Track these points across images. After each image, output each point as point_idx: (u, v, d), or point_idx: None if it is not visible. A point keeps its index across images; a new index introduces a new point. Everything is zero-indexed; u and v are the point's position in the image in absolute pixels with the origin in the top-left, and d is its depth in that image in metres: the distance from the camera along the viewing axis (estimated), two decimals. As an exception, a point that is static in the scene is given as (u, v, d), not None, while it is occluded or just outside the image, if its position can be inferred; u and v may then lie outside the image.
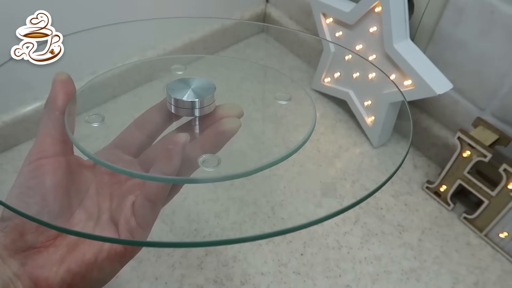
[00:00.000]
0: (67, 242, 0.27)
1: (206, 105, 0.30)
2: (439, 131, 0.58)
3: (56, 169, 0.27)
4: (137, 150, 0.32)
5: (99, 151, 0.31)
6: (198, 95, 0.30)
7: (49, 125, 0.28)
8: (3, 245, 0.26)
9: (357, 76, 0.60)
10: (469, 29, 0.49)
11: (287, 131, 0.35)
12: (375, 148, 0.60)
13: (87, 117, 0.31)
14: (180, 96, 0.29)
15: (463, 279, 0.49)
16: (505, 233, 0.50)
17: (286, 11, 0.74)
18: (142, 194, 0.27)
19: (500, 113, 0.50)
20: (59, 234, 0.27)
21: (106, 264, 0.27)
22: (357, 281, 0.48)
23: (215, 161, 0.27)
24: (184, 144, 0.26)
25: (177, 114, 0.31)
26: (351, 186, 0.56)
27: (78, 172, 0.29)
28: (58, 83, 0.28)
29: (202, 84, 0.31)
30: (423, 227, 0.53)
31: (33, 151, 0.27)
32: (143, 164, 0.31)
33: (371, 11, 0.54)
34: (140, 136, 0.32)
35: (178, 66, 0.37)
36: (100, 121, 0.31)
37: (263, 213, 0.53)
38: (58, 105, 0.28)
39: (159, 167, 0.26)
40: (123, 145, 0.31)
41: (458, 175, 0.52)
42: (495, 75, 0.49)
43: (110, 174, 0.30)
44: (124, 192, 0.29)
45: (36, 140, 0.27)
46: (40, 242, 0.26)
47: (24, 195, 0.26)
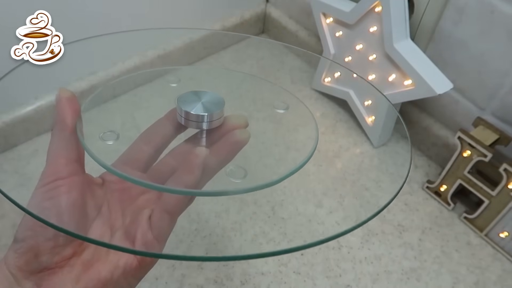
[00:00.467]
0: (81, 261, 0.27)
1: (216, 119, 0.30)
2: (439, 130, 0.58)
3: (71, 189, 0.26)
4: (145, 165, 0.32)
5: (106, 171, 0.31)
6: (208, 109, 0.30)
7: (61, 146, 0.27)
8: (17, 266, 0.25)
9: (357, 77, 0.60)
10: (469, 29, 0.49)
11: (292, 136, 0.36)
12: (375, 148, 0.60)
13: (101, 134, 0.31)
14: (190, 109, 0.30)
15: (463, 278, 0.49)
16: (506, 233, 0.50)
17: (286, 11, 0.74)
18: (160, 207, 0.27)
19: (500, 112, 0.50)
20: (74, 254, 0.27)
21: (122, 280, 0.27)
22: (357, 281, 0.48)
23: (242, 172, 0.28)
24: (204, 157, 0.26)
25: (186, 126, 0.31)
26: (351, 186, 0.56)
27: (91, 191, 0.29)
28: (64, 101, 0.28)
29: (212, 98, 0.31)
30: (424, 227, 0.53)
31: (46, 173, 0.26)
32: (154, 179, 0.31)
33: (371, 11, 0.54)
34: (148, 150, 0.32)
35: (172, 78, 0.38)
36: (115, 139, 0.31)
37: (263, 213, 0.53)
38: (68, 124, 0.27)
39: (181, 180, 0.27)
40: (130, 161, 0.31)
41: (459, 174, 0.52)
42: (495, 75, 0.49)
43: (120, 191, 0.30)
44: (138, 207, 0.29)
45: (48, 162, 0.27)
46: (55, 262, 0.26)
47: (40, 215, 0.25)
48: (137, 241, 0.27)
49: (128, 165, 0.31)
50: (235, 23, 0.73)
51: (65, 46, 0.32)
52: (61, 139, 0.27)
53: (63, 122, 0.27)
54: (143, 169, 0.32)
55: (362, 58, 0.58)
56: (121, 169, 0.30)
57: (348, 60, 0.61)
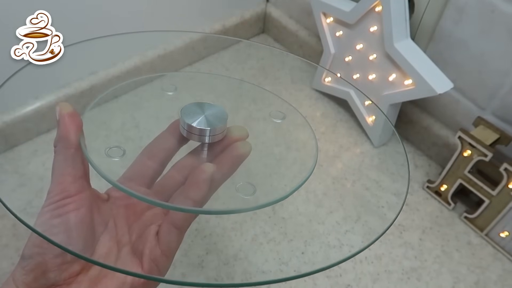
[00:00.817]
0: (89, 277, 0.27)
1: (218, 133, 0.30)
2: (440, 130, 0.58)
3: (79, 206, 0.26)
4: (150, 180, 0.32)
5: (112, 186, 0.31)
6: (211, 123, 0.30)
7: (66, 163, 0.27)
8: (25, 283, 0.25)
9: (358, 77, 0.60)
10: (470, 28, 0.49)
11: (292, 147, 0.36)
12: (375, 148, 0.60)
13: (107, 150, 0.31)
14: (194, 122, 0.30)
15: (463, 278, 0.49)
16: (506, 233, 0.50)
17: (286, 11, 0.74)
18: (168, 222, 0.27)
19: (501, 112, 0.50)
20: (81, 271, 0.27)
21: None
22: (358, 280, 0.48)
23: (251, 189, 0.28)
24: (211, 174, 0.26)
25: (189, 138, 0.31)
26: (351, 186, 0.56)
27: (97, 206, 0.29)
28: (67, 118, 0.27)
29: (215, 111, 0.31)
30: (424, 226, 0.53)
31: (54, 191, 0.26)
32: (159, 194, 0.31)
33: (372, 10, 0.54)
34: (152, 165, 0.32)
35: (168, 86, 0.38)
36: (121, 155, 0.31)
37: (263, 213, 0.53)
38: (72, 141, 0.27)
39: (189, 196, 0.26)
40: (135, 177, 0.31)
41: (459, 174, 0.52)
42: (495, 74, 0.49)
43: (125, 207, 0.30)
44: (145, 223, 0.29)
45: (54, 180, 0.27)
46: (63, 279, 0.26)
47: (48, 233, 0.25)
48: (145, 256, 0.27)
49: (133, 181, 0.31)
50: (235, 22, 0.73)
51: (66, 48, 0.32)
52: (66, 156, 0.27)
53: (66, 139, 0.27)
54: (148, 185, 0.32)
55: (362, 57, 0.58)
56: (126, 185, 0.30)
57: (348, 59, 0.61)
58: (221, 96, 0.37)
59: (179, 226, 0.27)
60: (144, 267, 0.27)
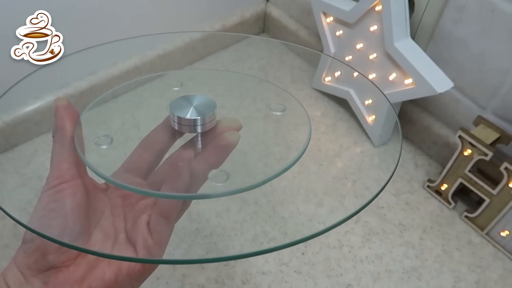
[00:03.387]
0: (86, 261, 0.28)
1: (208, 122, 0.31)
2: (440, 129, 0.58)
3: (76, 191, 0.28)
4: (147, 171, 0.33)
5: (111, 176, 0.32)
6: (200, 112, 0.31)
7: (63, 151, 0.29)
8: (26, 265, 0.27)
9: (358, 76, 0.60)
10: (470, 27, 0.49)
11: (286, 140, 0.36)
12: (376, 147, 0.60)
13: (96, 139, 0.32)
14: (183, 114, 0.30)
15: (464, 277, 0.49)
16: (506, 232, 0.50)
17: (287, 10, 0.74)
18: (155, 212, 0.28)
19: (501, 111, 0.50)
20: (79, 254, 0.28)
21: (126, 282, 0.28)
22: (358, 280, 0.48)
23: (224, 176, 0.29)
24: (189, 160, 0.27)
25: (180, 131, 0.32)
26: (352, 185, 0.56)
27: (94, 194, 0.30)
28: (62, 109, 0.29)
29: (204, 101, 0.32)
30: (424, 226, 0.53)
31: (51, 177, 0.28)
32: (153, 185, 0.32)
33: (372, 10, 0.54)
34: (148, 157, 0.33)
35: (174, 82, 0.39)
36: (109, 143, 0.32)
37: (264, 212, 0.53)
38: (67, 131, 0.29)
39: (170, 185, 0.27)
40: (132, 169, 0.32)
41: (459, 173, 0.52)
42: (496, 74, 0.49)
43: (122, 197, 0.31)
44: (137, 213, 0.30)
45: (52, 166, 0.28)
46: (62, 261, 0.27)
47: (46, 217, 0.27)
48: (138, 246, 0.28)
49: (130, 173, 0.32)
50: (236, 22, 0.73)
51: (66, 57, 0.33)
52: (63, 144, 0.29)
53: (62, 129, 0.29)
54: (144, 176, 0.33)
55: (362, 57, 0.58)
56: (123, 176, 0.32)
57: (348, 59, 0.60)
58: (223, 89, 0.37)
59: (166, 216, 0.28)
60: (139, 255, 0.28)
